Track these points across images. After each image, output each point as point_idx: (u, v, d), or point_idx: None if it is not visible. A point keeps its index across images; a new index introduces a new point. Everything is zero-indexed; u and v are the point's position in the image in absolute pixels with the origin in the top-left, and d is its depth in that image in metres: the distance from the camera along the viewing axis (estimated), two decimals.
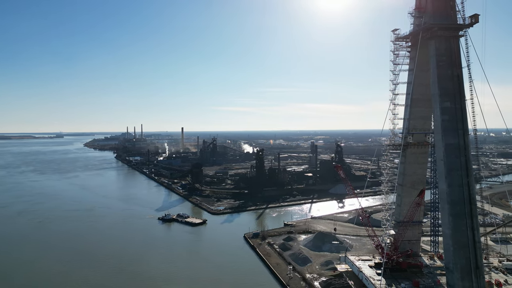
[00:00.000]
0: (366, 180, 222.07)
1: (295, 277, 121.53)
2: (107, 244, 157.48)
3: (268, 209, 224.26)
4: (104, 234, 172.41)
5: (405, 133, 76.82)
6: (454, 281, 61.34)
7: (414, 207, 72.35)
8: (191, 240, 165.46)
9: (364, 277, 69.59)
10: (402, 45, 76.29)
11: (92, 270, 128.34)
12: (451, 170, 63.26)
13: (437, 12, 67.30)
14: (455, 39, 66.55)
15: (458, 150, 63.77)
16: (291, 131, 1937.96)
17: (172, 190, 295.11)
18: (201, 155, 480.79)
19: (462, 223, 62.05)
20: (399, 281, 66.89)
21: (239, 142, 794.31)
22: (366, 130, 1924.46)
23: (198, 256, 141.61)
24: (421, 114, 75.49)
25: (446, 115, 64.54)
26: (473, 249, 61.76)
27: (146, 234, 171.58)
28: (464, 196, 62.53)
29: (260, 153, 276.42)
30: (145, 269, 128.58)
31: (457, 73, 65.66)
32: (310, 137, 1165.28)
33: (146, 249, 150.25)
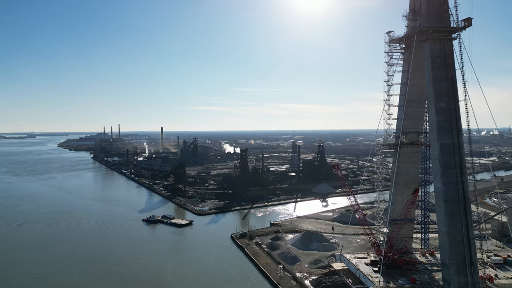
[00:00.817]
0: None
1: (285, 276, 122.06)
2: (91, 246, 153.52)
3: (253, 209, 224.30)
4: (87, 237, 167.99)
5: (399, 133, 78.40)
6: (450, 277, 63.18)
7: (409, 205, 74.07)
8: (178, 241, 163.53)
9: (362, 275, 70.67)
10: (396, 47, 77.89)
11: (78, 273, 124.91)
12: (446, 169, 65.16)
13: (431, 15, 69.17)
14: (449, 41, 68.62)
15: (452, 149, 65.77)
16: (270, 131, 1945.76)
17: (154, 191, 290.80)
18: (182, 156, 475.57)
19: (457, 221, 64.04)
20: (396, 278, 68.33)
21: (220, 142, 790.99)
22: (343, 130, 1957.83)
23: (186, 258, 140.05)
24: (414, 114, 77.37)
25: (441, 116, 66.42)
26: (468, 245, 63.84)
27: (131, 236, 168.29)
28: (458, 194, 64.54)
29: (244, 153, 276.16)
30: (133, 271, 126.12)
31: (451, 74, 67.71)
32: (289, 137, 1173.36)
33: (132, 251, 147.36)
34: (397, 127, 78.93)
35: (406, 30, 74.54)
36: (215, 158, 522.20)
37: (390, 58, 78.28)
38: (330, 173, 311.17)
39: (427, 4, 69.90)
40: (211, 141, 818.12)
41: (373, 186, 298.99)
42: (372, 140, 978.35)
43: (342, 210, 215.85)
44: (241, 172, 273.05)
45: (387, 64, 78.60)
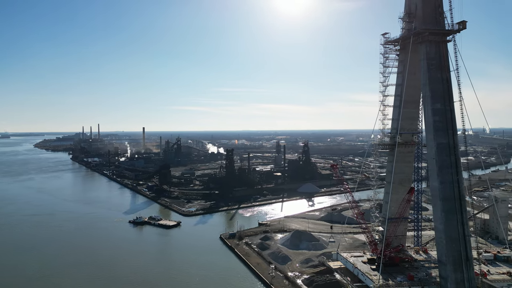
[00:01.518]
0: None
1: (277, 276, 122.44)
2: (77, 249, 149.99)
3: (240, 209, 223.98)
4: (72, 239, 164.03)
5: (394, 133, 79.91)
6: (447, 273, 64.83)
7: (405, 204, 75.63)
8: (167, 243, 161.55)
9: (360, 273, 71.60)
10: (391, 49, 79.35)
11: (65, 276, 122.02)
12: (442, 168, 66.85)
13: (427, 18, 70.83)
14: (444, 44, 70.44)
15: (448, 149, 67.51)
16: (252, 131, 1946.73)
17: (138, 192, 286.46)
18: (165, 156, 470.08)
19: (453, 218, 65.77)
20: (394, 276, 69.57)
21: (203, 143, 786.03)
22: (324, 130, 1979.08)
23: (177, 259, 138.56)
24: (408, 115, 78.96)
25: (437, 116, 68.12)
26: (464, 242, 65.71)
27: (118, 238, 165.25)
28: (454, 192, 66.32)
29: (230, 153, 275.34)
30: (123, 274, 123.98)
31: (446, 76, 69.52)
32: (271, 137, 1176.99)
33: (120, 253, 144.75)
34: (392, 127, 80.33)
35: (402, 32, 76.04)
36: (198, 159, 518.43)
37: (385, 60, 79.66)
38: (315, 173, 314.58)
39: (423, 7, 71.52)
40: (193, 141, 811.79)
41: (357, 186, 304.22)
42: (353, 140, 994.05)
43: (328, 209, 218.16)
44: (227, 172, 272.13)
45: (382, 65, 79.97)
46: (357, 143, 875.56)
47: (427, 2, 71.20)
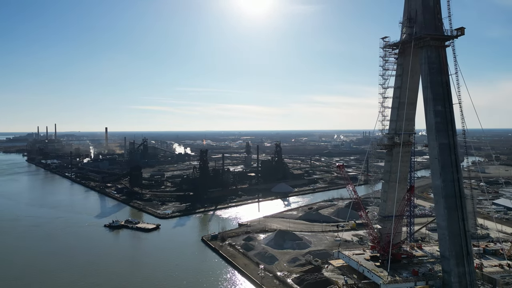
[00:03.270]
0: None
1: (266, 276, 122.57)
2: (51, 256, 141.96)
3: (218, 210, 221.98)
4: (45, 245, 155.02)
5: (392, 134, 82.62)
6: (450, 268, 68.04)
7: (406, 202, 78.42)
8: (148, 246, 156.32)
9: (366, 270, 73.30)
10: (390, 52, 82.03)
11: (44, 285, 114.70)
12: (444, 167, 70.10)
13: (427, 23, 73.98)
14: (443, 48, 73.90)
15: (449, 149, 70.89)
16: (216, 131, 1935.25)
17: (107, 195, 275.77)
18: (131, 157, 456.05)
19: (455, 215, 69.20)
20: (399, 272, 71.93)
21: (167, 143, 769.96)
22: (288, 130, 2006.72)
23: (161, 263, 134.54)
24: (406, 116, 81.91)
25: (439, 118, 71.36)
26: (464, 238, 69.28)
27: (95, 243, 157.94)
28: (455, 190, 69.77)
29: (204, 154, 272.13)
30: (106, 281, 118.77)
31: (445, 79, 72.98)
32: (236, 138, 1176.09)
33: (100, 259, 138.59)
34: (391, 128, 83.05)
35: (403, 37, 78.82)
36: (165, 160, 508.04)
37: (385, 63, 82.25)
38: (287, 173, 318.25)
39: (423, 13, 74.62)
40: (156, 142, 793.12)
41: (328, 185, 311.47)
42: (316, 140, 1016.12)
43: (305, 208, 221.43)
44: (201, 173, 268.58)
45: (382, 68, 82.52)
46: (320, 143, 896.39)
47: (427, 9, 74.40)
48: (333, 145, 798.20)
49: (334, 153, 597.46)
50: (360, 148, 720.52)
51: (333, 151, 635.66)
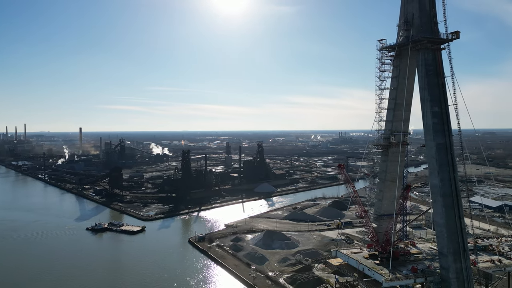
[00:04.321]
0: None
1: (258, 277, 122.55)
2: (32, 262, 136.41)
3: (202, 212, 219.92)
4: (23, 251, 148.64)
5: (388, 134, 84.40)
6: (448, 264, 70.18)
7: (403, 201, 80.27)
8: (135, 249, 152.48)
9: (367, 268, 74.46)
10: (386, 54, 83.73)
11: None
12: (442, 166, 72.25)
13: (424, 27, 76.02)
14: (439, 51, 76.22)
15: (445, 149, 73.13)
16: (192, 131, 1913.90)
17: (85, 197, 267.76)
18: (108, 158, 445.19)
19: (452, 213, 71.42)
20: (398, 269, 73.54)
21: (145, 144, 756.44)
22: (265, 131, 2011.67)
23: (151, 266, 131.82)
24: (401, 117, 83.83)
25: (436, 118, 73.52)
26: (461, 235, 71.64)
27: (78, 247, 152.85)
28: (451, 189, 72.04)
29: (187, 154, 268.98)
30: (93, 285, 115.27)
31: (441, 81, 75.26)
32: (214, 138, 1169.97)
33: (85, 263, 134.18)
34: (387, 129, 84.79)
35: (400, 39, 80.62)
36: (143, 161, 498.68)
37: (381, 64, 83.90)
38: (269, 173, 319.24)
39: (420, 17, 76.65)
40: (132, 142, 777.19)
41: (310, 184, 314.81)
42: (293, 141, 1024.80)
43: (289, 208, 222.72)
44: (183, 174, 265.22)
45: (379, 69, 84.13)
46: (298, 143, 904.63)
47: (424, 12, 76.50)
48: (310, 145, 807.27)
49: (312, 153, 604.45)
50: (336, 148, 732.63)
51: (311, 151, 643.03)
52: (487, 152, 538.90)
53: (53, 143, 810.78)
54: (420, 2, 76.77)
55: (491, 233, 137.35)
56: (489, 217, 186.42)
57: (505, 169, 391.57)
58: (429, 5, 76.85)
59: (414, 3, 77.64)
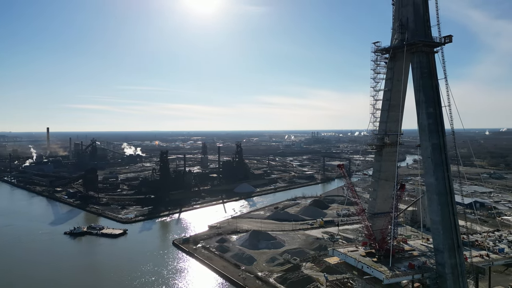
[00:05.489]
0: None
1: (248, 277, 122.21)
2: (9, 269, 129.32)
3: (183, 213, 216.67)
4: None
5: (382, 135, 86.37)
6: (444, 260, 72.66)
7: (397, 199, 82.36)
8: (118, 252, 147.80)
9: (366, 266, 75.82)
10: (381, 56, 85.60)
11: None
12: (437, 165, 74.69)
13: (418, 30, 78.36)
14: (432, 54, 78.78)
15: (439, 148, 75.68)
16: (164, 131, 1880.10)
17: (57, 200, 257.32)
18: (79, 159, 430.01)
19: (447, 210, 74.01)
20: (396, 266, 75.35)
21: (115, 144, 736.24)
22: (238, 131, 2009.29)
23: (136, 269, 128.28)
24: (395, 118, 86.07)
25: (431, 119, 75.92)
26: (455, 232, 74.37)
27: (58, 253, 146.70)
28: (446, 187, 74.67)
29: (165, 155, 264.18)
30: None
31: (435, 83, 77.84)
32: (186, 138, 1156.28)
33: (67, 269, 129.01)
34: (381, 129, 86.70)
35: (394, 42, 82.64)
36: (115, 161, 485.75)
37: (376, 66, 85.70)
38: (248, 173, 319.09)
39: (414, 21, 78.93)
40: (102, 143, 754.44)
41: (288, 184, 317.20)
42: (267, 141, 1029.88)
43: (271, 208, 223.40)
44: (161, 175, 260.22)
45: (373, 71, 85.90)
46: (272, 143, 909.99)
47: (418, 17, 78.83)
48: (284, 145, 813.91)
49: (287, 153, 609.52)
50: (310, 148, 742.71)
51: (286, 151, 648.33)
52: (452, 152, 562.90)
53: (18, 144, 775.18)
54: (414, 6, 79.06)
55: (466, 229, 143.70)
56: (461, 214, 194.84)
57: (471, 168, 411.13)
58: (423, 9, 79.27)
59: (409, 7, 79.85)
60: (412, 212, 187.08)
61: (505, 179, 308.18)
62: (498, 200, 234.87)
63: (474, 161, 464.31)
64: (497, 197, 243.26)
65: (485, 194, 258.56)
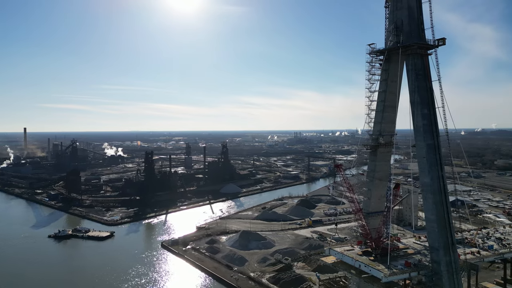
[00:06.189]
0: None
1: (240, 278, 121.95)
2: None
3: (169, 214, 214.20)
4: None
5: (376, 135, 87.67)
6: (440, 257, 74.37)
7: (393, 198, 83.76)
8: (107, 255, 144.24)
9: (363, 265, 76.80)
10: (375, 58, 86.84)
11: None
12: (432, 165, 76.37)
13: (413, 33, 79.96)
14: (426, 56, 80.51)
15: (434, 148, 77.42)
16: (144, 131, 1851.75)
17: (38, 202, 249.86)
18: (58, 160, 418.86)
19: (442, 209, 75.75)
20: (392, 264, 76.62)
21: (95, 144, 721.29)
22: (220, 131, 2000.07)
23: (125, 272, 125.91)
24: (389, 118, 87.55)
25: (426, 120, 77.59)
26: (449, 230, 76.21)
27: (43, 257, 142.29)
28: (440, 186, 76.44)
29: (150, 155, 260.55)
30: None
31: (429, 85, 79.59)
32: (168, 138, 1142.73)
33: (54, 274, 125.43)
34: (375, 130, 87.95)
35: (389, 44, 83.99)
36: (96, 162, 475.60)
37: (371, 68, 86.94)
38: (234, 174, 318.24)
39: (409, 23, 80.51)
40: (81, 143, 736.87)
41: (274, 184, 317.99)
42: (250, 141, 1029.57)
43: (258, 208, 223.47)
44: (147, 176, 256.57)
45: (369, 72, 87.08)
46: (255, 144, 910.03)
47: (412, 19, 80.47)
48: (268, 146, 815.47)
49: (271, 153, 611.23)
50: (293, 148, 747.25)
51: (270, 151, 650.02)
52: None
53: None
54: (409, 9, 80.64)
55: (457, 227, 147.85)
56: None
57: (447, 166, 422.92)
58: (417, 12, 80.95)
59: (404, 10, 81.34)
60: (398, 211, 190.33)
61: (483, 178, 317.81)
62: (478, 198, 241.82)
63: (453, 161, 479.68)
64: (476, 195, 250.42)
65: (465, 192, 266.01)
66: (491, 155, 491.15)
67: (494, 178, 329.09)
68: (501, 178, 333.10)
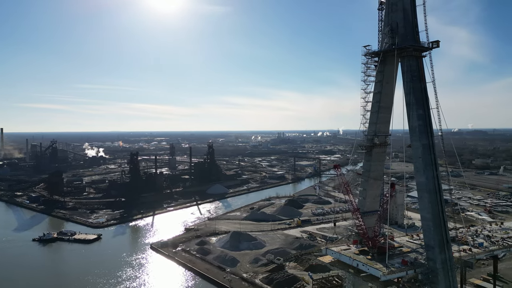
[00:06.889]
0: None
1: (233, 279, 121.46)
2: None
3: (156, 216, 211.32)
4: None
5: (371, 136, 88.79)
6: (435, 255, 75.86)
7: (388, 198, 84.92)
8: (95, 258, 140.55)
9: (361, 264, 77.53)
10: (371, 59, 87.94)
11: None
12: (427, 165, 77.86)
13: (408, 35, 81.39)
14: (421, 58, 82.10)
15: (429, 148, 79.00)
16: (125, 132, 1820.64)
17: (18, 205, 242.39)
18: (37, 161, 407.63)
19: (437, 208, 77.30)
20: (389, 262, 77.62)
21: (74, 145, 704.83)
22: (203, 131, 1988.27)
23: (114, 275, 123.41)
24: (384, 119, 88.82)
25: (421, 121, 79.07)
26: (444, 228, 77.88)
27: (29, 261, 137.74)
28: (435, 186, 78.03)
29: (135, 156, 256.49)
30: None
31: (424, 86, 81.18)
32: (150, 139, 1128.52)
33: (42, 279, 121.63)
34: (370, 130, 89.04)
35: (384, 46, 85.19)
36: (77, 164, 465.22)
37: (366, 69, 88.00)
38: (220, 174, 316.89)
39: (404, 26, 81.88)
40: (59, 144, 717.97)
41: (260, 184, 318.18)
42: (233, 141, 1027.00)
43: (246, 208, 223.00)
44: (132, 177, 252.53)
45: (364, 74, 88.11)
46: (238, 144, 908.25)
47: (407, 22, 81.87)
48: (251, 146, 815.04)
49: (256, 154, 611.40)
50: (277, 148, 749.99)
51: (254, 152, 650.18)
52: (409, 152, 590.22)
53: None
54: (404, 12, 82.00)
55: None
56: None
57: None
58: (412, 15, 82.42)
59: (399, 13, 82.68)
60: None
61: (462, 177, 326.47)
62: (460, 197, 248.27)
63: None
64: (458, 194, 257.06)
65: (446, 191, 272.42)
66: (468, 154, 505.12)
67: (472, 177, 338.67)
68: (480, 177, 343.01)
